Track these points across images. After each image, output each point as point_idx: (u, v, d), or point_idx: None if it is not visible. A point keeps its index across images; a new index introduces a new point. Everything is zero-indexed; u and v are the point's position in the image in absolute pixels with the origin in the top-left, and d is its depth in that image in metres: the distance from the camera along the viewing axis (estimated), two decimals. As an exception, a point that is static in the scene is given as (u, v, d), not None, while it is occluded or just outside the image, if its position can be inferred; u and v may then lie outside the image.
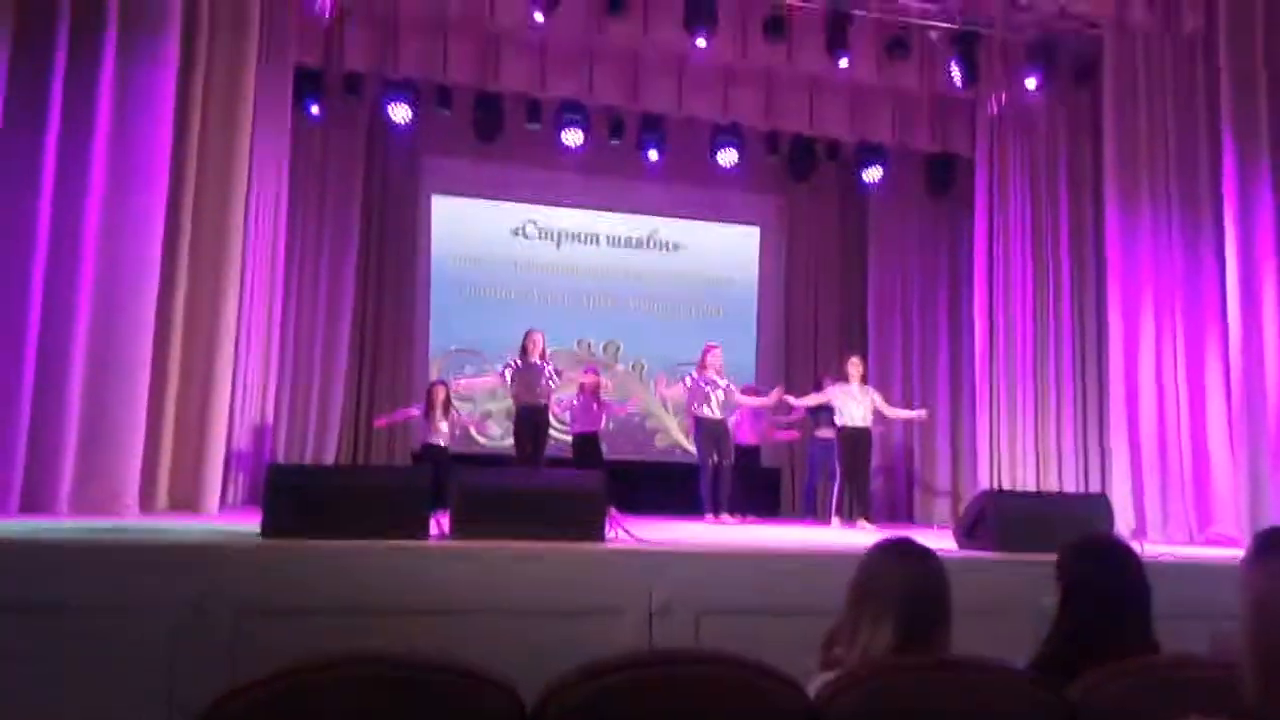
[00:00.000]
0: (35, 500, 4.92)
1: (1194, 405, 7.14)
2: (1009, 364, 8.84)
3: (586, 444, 8.51)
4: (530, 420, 7.79)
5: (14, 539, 3.21)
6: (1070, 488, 8.29)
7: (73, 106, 5.18)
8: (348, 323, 9.29)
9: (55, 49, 5.13)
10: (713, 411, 7.90)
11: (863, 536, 5.93)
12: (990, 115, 9.22)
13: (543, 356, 7.86)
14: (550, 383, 7.88)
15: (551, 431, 8.31)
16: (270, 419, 8.27)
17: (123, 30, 5.38)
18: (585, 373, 8.84)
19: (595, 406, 8.58)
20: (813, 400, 8.41)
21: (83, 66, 5.23)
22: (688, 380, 8.03)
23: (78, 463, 5.09)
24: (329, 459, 8.86)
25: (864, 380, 8.11)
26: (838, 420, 7.96)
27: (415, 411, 8.35)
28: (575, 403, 8.76)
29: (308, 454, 8.84)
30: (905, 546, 2.22)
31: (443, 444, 8.19)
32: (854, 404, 7.86)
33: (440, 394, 8.25)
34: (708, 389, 7.89)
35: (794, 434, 9.59)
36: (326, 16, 8.02)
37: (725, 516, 7.67)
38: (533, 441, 7.76)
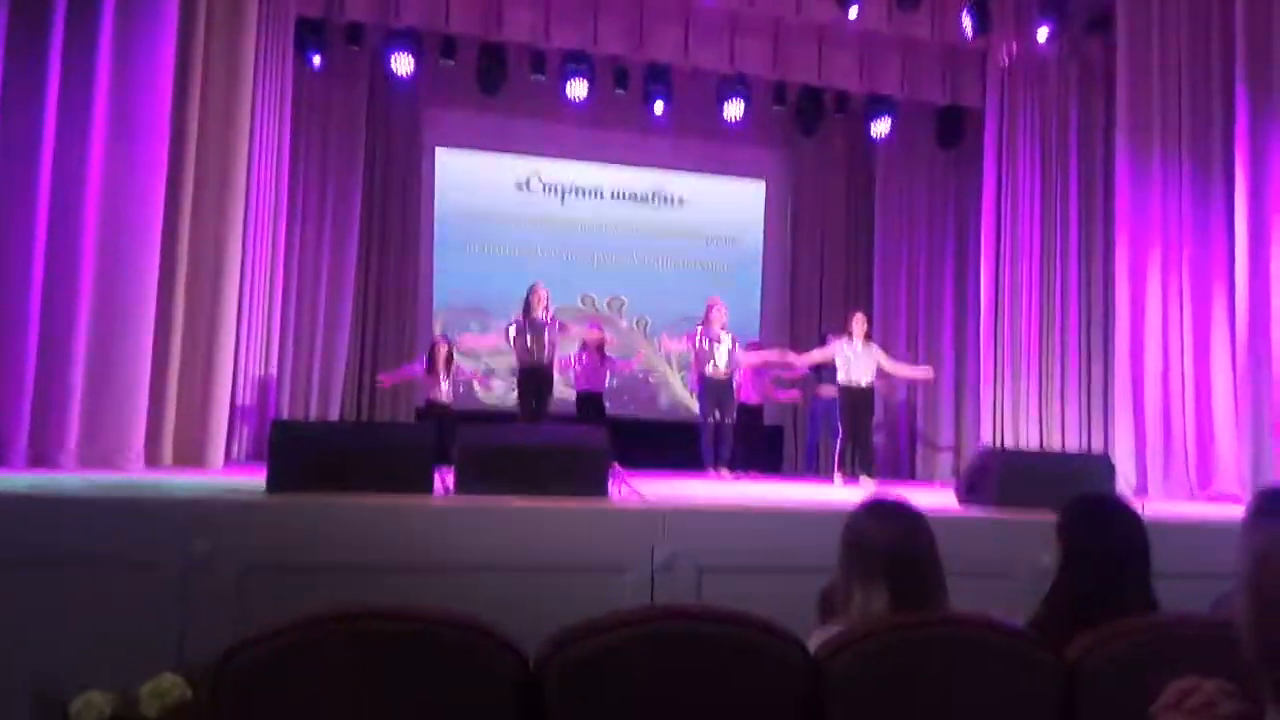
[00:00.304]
0: (41, 454, 4.95)
1: (1198, 363, 7.11)
2: (1014, 320, 8.80)
3: (590, 402, 8.53)
4: (534, 378, 7.75)
5: (19, 493, 3.23)
6: (1073, 446, 8.30)
7: (73, 57, 5.14)
8: (351, 278, 9.28)
9: (54, 2, 5.08)
10: (716, 368, 7.89)
11: (864, 493, 5.95)
12: (1001, 66, 9.09)
13: (547, 311, 7.81)
14: (553, 338, 7.83)
15: (556, 389, 8.32)
16: (274, 374, 8.29)
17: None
18: (589, 328, 8.83)
19: (600, 363, 8.58)
20: (816, 356, 8.38)
21: (82, 18, 5.18)
22: (695, 337, 8.01)
23: (83, 417, 5.11)
24: (333, 415, 8.92)
25: (868, 337, 8.07)
26: (840, 378, 7.93)
27: (419, 369, 8.36)
28: (579, 360, 8.75)
29: (311, 410, 8.88)
30: (887, 508, 2.21)
31: (445, 401, 8.20)
32: (856, 361, 7.84)
33: (443, 350, 8.25)
34: (711, 345, 7.88)
35: (795, 394, 9.60)
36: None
37: (724, 472, 7.69)
38: (536, 399, 7.74)
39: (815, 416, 9.29)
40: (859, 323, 7.97)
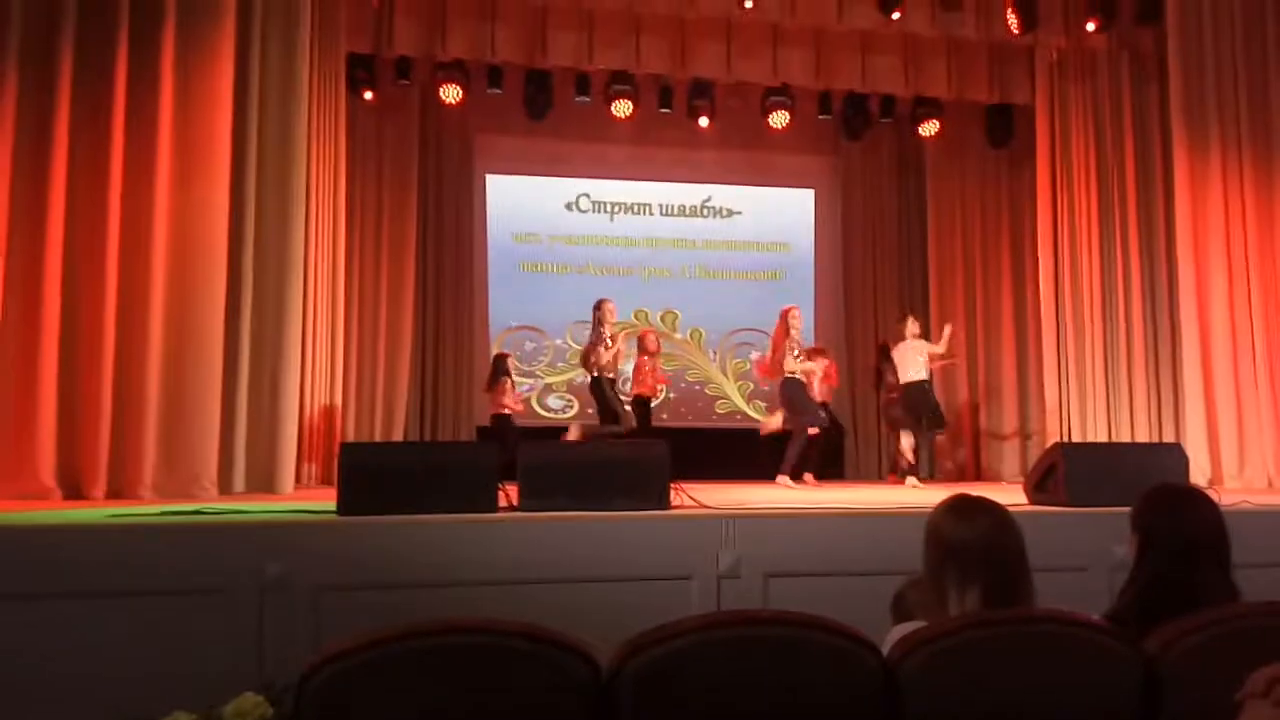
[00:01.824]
0: (119, 488, 5.11)
1: (1270, 348, 6.94)
2: (1076, 314, 8.65)
3: (642, 407, 8.59)
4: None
5: (98, 523, 3.33)
6: (1142, 438, 8.12)
7: (136, 100, 5.34)
8: (410, 304, 9.45)
9: (117, 44, 5.29)
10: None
11: (924, 495, 5.90)
12: (1050, 61, 8.97)
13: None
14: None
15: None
16: (340, 400, 8.45)
17: (180, 22, 5.51)
18: (645, 334, 8.92)
19: (651, 368, 8.65)
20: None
21: (144, 61, 5.38)
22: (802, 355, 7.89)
23: (158, 449, 5.25)
24: (397, 436, 9.06)
25: (920, 337, 8.14)
26: (902, 377, 7.99)
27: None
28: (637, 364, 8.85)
29: (376, 433, 9.03)
30: (972, 503, 2.17)
31: (508, 413, 8.34)
32: (910, 359, 7.87)
33: (508, 364, 8.39)
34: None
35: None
36: (375, 2, 8.09)
37: (810, 479, 7.75)
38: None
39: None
40: (910, 325, 8.06)
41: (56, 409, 5.04)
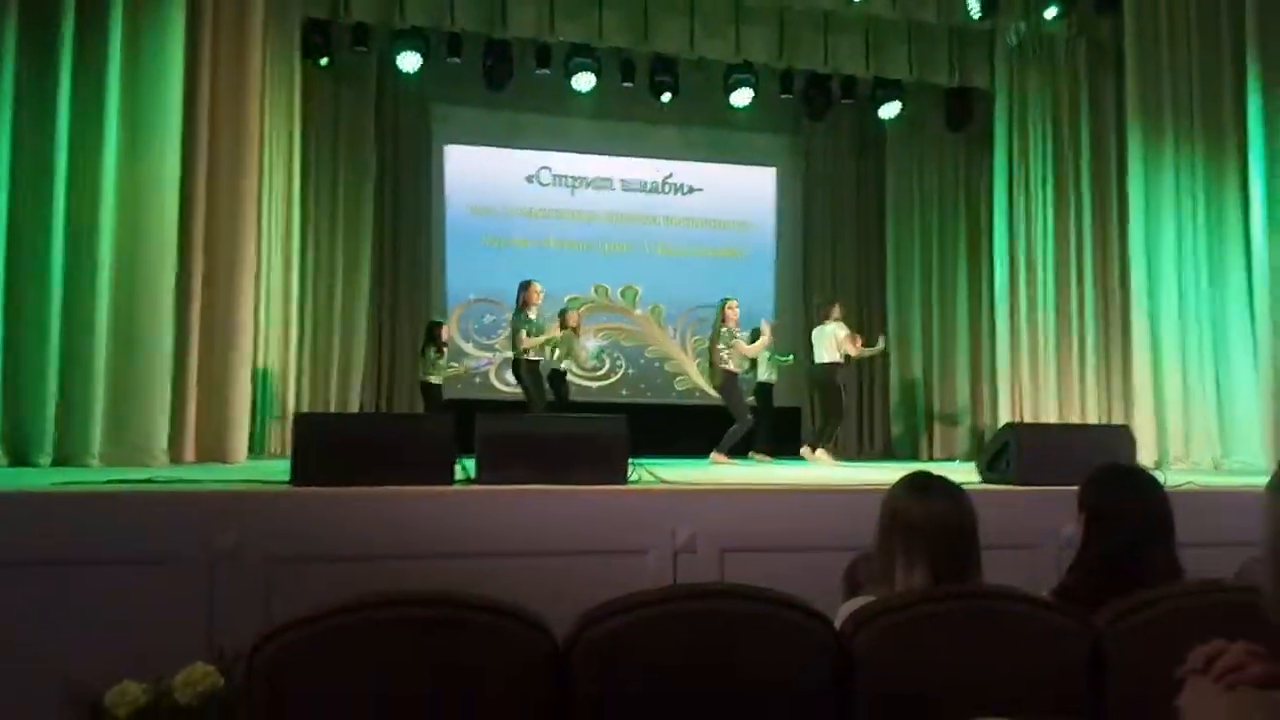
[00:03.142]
0: (67, 456, 5.02)
1: (1216, 335, 7.10)
2: (1030, 297, 8.77)
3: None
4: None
5: (45, 491, 3.27)
6: (1093, 419, 8.28)
7: (84, 70, 5.22)
8: (366, 273, 9.34)
9: (63, 12, 5.14)
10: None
11: (882, 472, 5.98)
12: (1009, 46, 9.04)
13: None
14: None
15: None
16: (293, 370, 8.34)
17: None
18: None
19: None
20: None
21: (92, 29, 5.24)
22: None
23: (106, 418, 5.17)
24: (352, 408, 9.00)
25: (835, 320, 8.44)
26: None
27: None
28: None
29: (331, 404, 8.95)
30: (930, 482, 2.21)
31: (436, 383, 8.49)
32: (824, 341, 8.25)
33: (432, 335, 8.67)
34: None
35: None
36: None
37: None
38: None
39: None
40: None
41: (1, 375, 4.93)
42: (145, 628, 2.90)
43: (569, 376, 8.90)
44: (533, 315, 8.02)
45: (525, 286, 8.06)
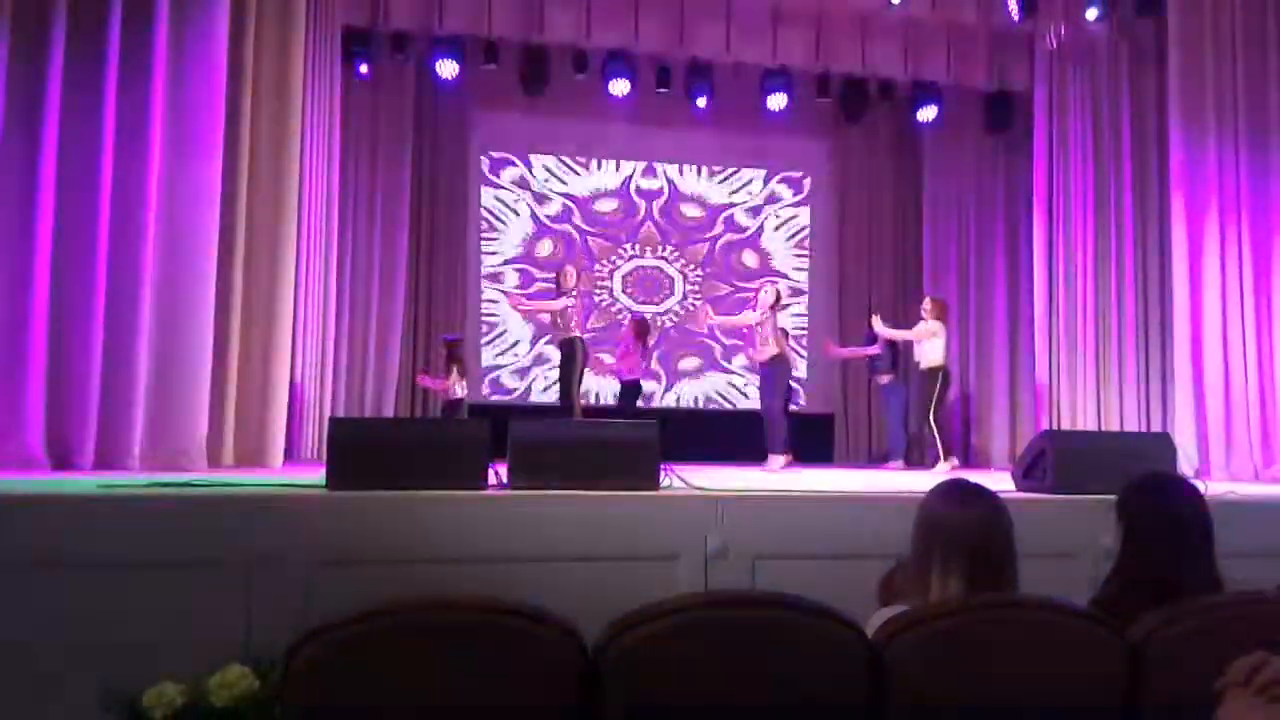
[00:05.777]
0: (107, 459, 5.09)
1: (1260, 342, 6.97)
2: (1070, 302, 8.66)
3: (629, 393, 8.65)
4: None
5: (88, 494, 3.32)
6: (1131, 427, 8.15)
7: (129, 74, 5.27)
8: (403, 280, 9.44)
9: (110, 23, 5.21)
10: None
11: (916, 480, 5.92)
12: (1049, 49, 8.94)
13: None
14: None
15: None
16: (330, 375, 8.44)
17: (174, -1, 5.46)
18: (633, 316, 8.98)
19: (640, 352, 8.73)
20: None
21: (137, 34, 5.31)
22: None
23: (146, 421, 5.23)
24: (387, 412, 9.12)
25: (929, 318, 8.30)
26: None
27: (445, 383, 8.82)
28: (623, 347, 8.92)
29: (366, 409, 9.05)
30: (967, 489, 2.20)
31: (460, 399, 8.71)
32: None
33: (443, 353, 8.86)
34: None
35: None
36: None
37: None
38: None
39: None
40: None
41: (45, 378, 5.02)
42: (183, 630, 2.93)
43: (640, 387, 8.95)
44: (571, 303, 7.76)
45: (561, 270, 7.96)
